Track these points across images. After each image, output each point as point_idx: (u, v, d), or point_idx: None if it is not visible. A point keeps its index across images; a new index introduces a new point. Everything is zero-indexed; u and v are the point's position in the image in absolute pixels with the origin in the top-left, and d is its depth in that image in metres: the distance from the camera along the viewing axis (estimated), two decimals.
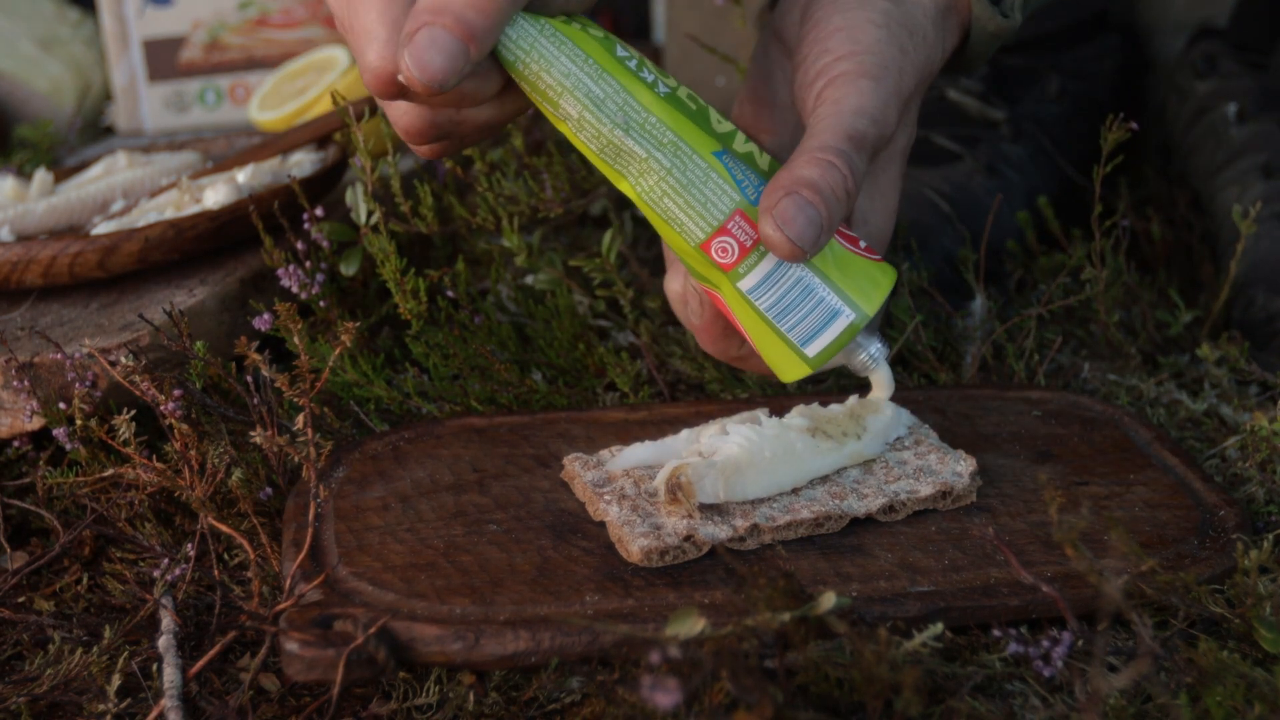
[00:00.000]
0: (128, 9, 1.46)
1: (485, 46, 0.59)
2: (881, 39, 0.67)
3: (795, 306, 0.64)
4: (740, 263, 0.64)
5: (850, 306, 0.64)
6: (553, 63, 0.62)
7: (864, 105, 0.65)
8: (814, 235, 0.62)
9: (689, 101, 0.65)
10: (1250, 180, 1.01)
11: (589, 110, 0.62)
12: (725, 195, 0.64)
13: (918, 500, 0.68)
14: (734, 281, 0.65)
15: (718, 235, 0.64)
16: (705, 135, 0.64)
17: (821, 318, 0.64)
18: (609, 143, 0.63)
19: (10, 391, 0.78)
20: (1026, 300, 1.00)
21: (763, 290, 0.64)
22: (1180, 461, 0.74)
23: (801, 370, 0.65)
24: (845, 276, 0.65)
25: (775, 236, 0.62)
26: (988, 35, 0.71)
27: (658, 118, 0.63)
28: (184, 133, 1.47)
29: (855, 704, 0.58)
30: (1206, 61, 1.15)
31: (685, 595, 0.62)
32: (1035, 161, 1.11)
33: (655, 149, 0.63)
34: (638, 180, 0.64)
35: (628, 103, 0.63)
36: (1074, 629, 0.60)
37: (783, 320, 0.65)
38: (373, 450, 0.75)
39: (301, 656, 0.57)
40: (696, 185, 0.64)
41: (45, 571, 0.74)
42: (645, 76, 0.64)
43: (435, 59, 0.58)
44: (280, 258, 0.86)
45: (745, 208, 0.64)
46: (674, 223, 0.64)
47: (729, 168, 0.64)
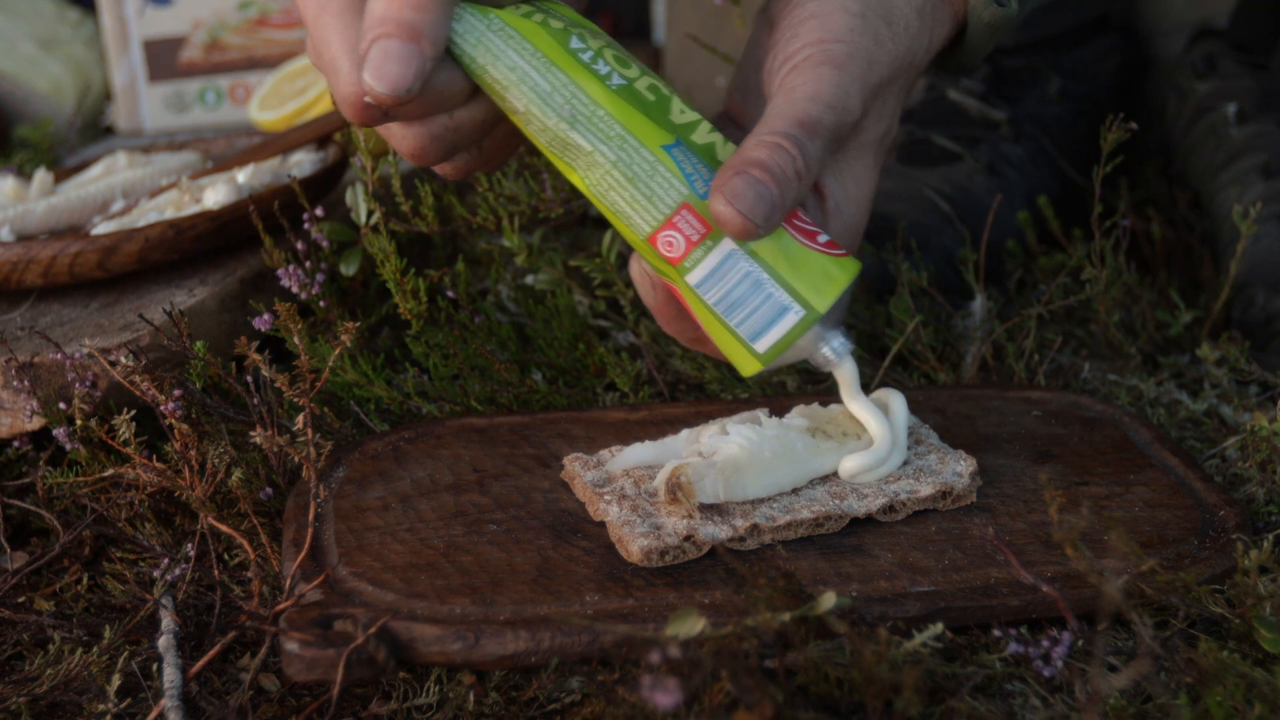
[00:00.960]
0: (128, 9, 1.46)
1: (436, 42, 0.60)
2: (854, 27, 0.67)
3: (743, 301, 0.64)
4: (686, 256, 0.64)
5: (800, 302, 0.64)
6: (499, 56, 0.62)
7: (820, 92, 0.65)
8: (765, 211, 0.62)
9: (647, 93, 0.64)
10: (1250, 180, 1.01)
11: (535, 103, 0.63)
12: (672, 189, 0.63)
13: (918, 500, 0.68)
14: (681, 275, 0.64)
15: (664, 229, 0.64)
16: (657, 128, 0.64)
17: (770, 313, 0.64)
18: (556, 136, 0.63)
19: (10, 391, 0.79)
20: (1026, 300, 1.00)
21: (710, 284, 0.64)
22: (1180, 461, 0.74)
23: (754, 366, 0.65)
24: (796, 271, 0.64)
25: (726, 212, 0.61)
26: (984, 26, 0.71)
27: (606, 110, 0.63)
28: (184, 133, 1.47)
29: (855, 704, 0.58)
30: (1206, 62, 1.15)
31: (685, 595, 0.62)
32: (1035, 162, 1.11)
33: (601, 142, 0.63)
34: (585, 173, 0.64)
35: (575, 96, 0.63)
36: (1074, 629, 0.60)
37: (731, 315, 0.64)
38: (373, 450, 0.75)
39: (301, 656, 0.57)
40: (643, 179, 0.63)
41: (45, 571, 0.74)
42: (599, 69, 0.63)
43: (391, 67, 0.59)
44: (280, 258, 0.86)
45: (693, 201, 0.63)
46: (621, 216, 0.64)
47: (678, 161, 0.64)
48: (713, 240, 0.63)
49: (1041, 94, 1.15)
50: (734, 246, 0.63)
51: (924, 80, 1.17)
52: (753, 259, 0.63)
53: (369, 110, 0.62)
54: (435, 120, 0.64)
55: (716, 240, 0.63)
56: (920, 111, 1.14)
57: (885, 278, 0.96)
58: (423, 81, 0.60)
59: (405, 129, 0.64)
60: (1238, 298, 0.92)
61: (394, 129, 0.65)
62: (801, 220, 0.65)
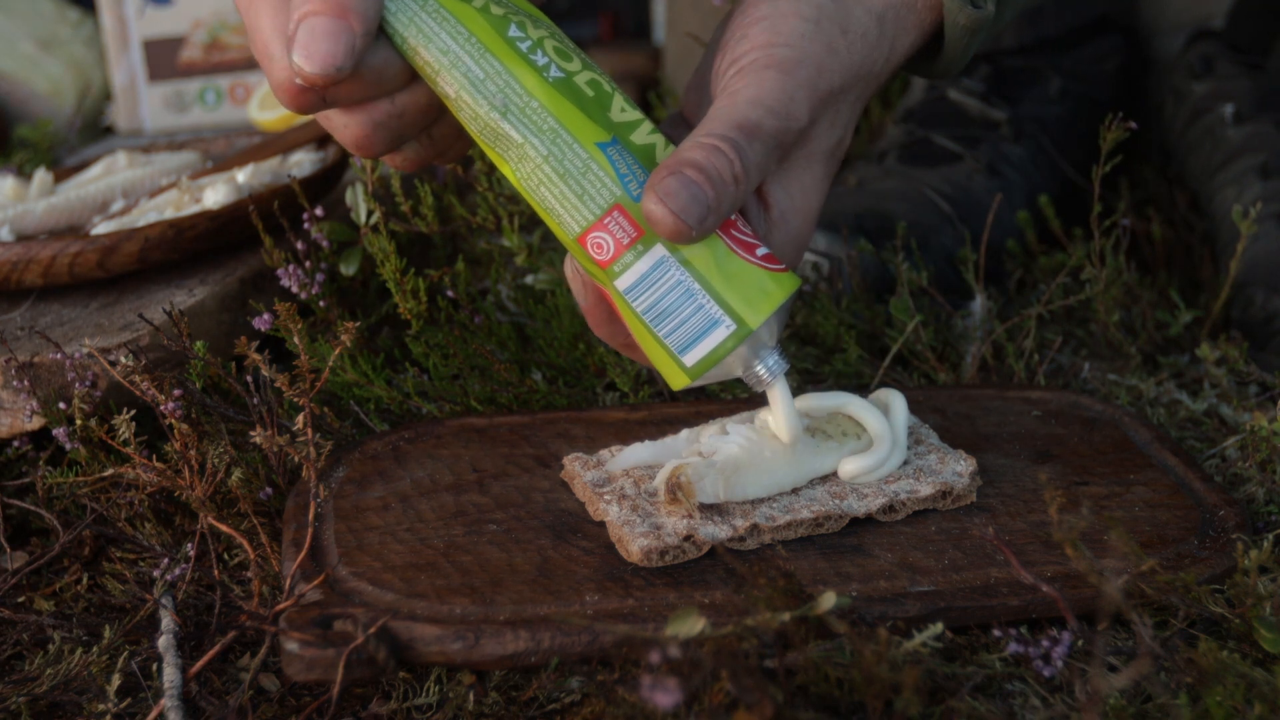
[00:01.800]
0: (128, 9, 1.46)
1: (366, 19, 0.59)
2: (805, 32, 0.65)
3: (673, 311, 0.62)
4: (616, 260, 0.62)
5: (731, 316, 0.61)
6: (432, 39, 0.61)
7: (761, 96, 0.63)
8: (699, 213, 0.60)
9: (586, 88, 0.62)
10: (1248, 181, 1.01)
11: (467, 90, 0.61)
12: (604, 188, 0.61)
13: (918, 500, 0.68)
14: (611, 279, 0.62)
15: (594, 230, 0.61)
16: (593, 125, 0.62)
17: (699, 326, 0.61)
18: (487, 125, 0.62)
19: (10, 391, 0.78)
20: (1026, 300, 1.00)
21: (639, 291, 0.62)
22: (1180, 461, 0.74)
23: (682, 379, 0.63)
24: (730, 284, 0.61)
25: (657, 211, 0.59)
26: (961, 29, 0.68)
27: (540, 103, 0.61)
28: (184, 133, 1.47)
29: (855, 704, 0.58)
30: (1203, 63, 1.15)
31: (685, 595, 0.62)
32: (1036, 162, 1.11)
33: (533, 135, 0.61)
34: (517, 166, 0.62)
35: (509, 85, 0.61)
36: (1074, 629, 0.60)
37: (659, 325, 0.62)
38: (373, 450, 0.75)
39: (301, 656, 0.57)
40: (574, 176, 0.61)
41: (45, 571, 0.74)
42: (536, 59, 0.62)
43: (319, 45, 0.58)
44: (280, 258, 0.86)
45: (626, 203, 0.61)
46: (552, 213, 0.62)
47: (613, 160, 0.61)
48: (644, 245, 0.61)
49: (1042, 94, 1.15)
50: (666, 253, 0.61)
51: (923, 80, 1.17)
52: (685, 268, 0.61)
53: (305, 95, 0.60)
54: (376, 106, 0.63)
55: (648, 245, 0.61)
56: (920, 111, 1.14)
57: (885, 278, 0.96)
58: (354, 60, 0.59)
59: (346, 117, 0.63)
60: (1237, 298, 0.92)
61: (335, 118, 0.63)
62: (740, 232, 0.63)
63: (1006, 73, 1.15)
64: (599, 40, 1.60)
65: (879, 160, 1.11)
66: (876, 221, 0.98)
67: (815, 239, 0.97)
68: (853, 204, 1.02)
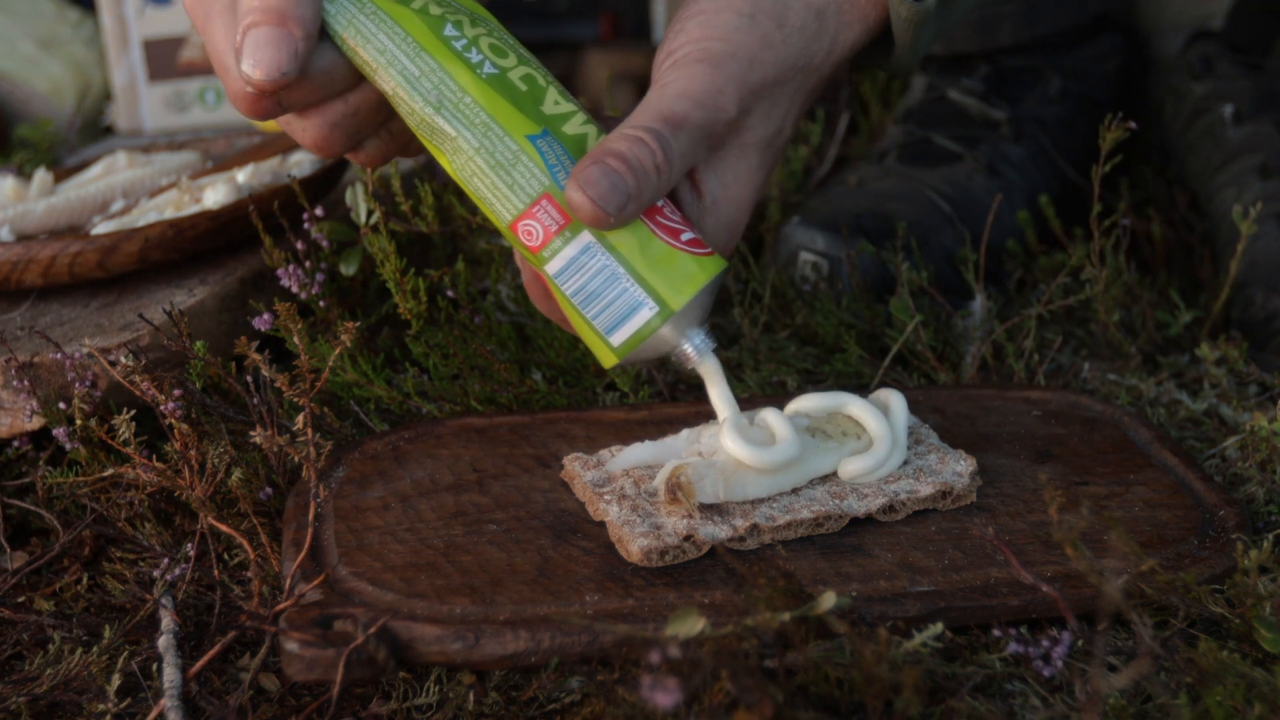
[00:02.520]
0: (128, 9, 1.46)
1: (305, 23, 0.62)
2: (739, 25, 0.67)
3: (598, 295, 0.64)
4: (545, 246, 0.64)
5: (654, 298, 0.64)
6: (369, 38, 0.64)
7: (689, 89, 0.65)
8: (619, 201, 0.62)
9: (519, 83, 0.65)
10: (1248, 181, 1.01)
11: (403, 86, 0.64)
12: (534, 178, 0.64)
13: (918, 500, 0.68)
14: (541, 265, 0.65)
15: (524, 218, 0.64)
16: (523, 117, 0.65)
17: (624, 308, 0.64)
18: (423, 120, 0.65)
19: (10, 391, 0.78)
20: (1026, 300, 1.00)
21: (567, 275, 0.64)
22: (1180, 461, 0.74)
23: (611, 359, 0.66)
24: (654, 268, 0.64)
25: (578, 198, 0.62)
26: (903, 22, 0.69)
27: (472, 98, 0.64)
28: (184, 133, 1.47)
29: (855, 704, 0.58)
30: (1203, 63, 1.15)
31: (685, 595, 0.62)
32: (1036, 162, 1.11)
33: (465, 128, 0.64)
34: (452, 158, 0.65)
35: (443, 81, 0.64)
36: (1074, 629, 0.60)
37: (587, 307, 0.65)
38: (373, 450, 0.75)
39: (301, 656, 0.57)
40: (505, 167, 0.64)
41: (45, 571, 0.74)
42: (470, 57, 0.65)
43: (265, 53, 0.61)
44: (280, 258, 0.86)
45: (554, 192, 0.64)
46: (485, 202, 0.65)
47: (542, 151, 0.64)
48: (571, 232, 0.64)
49: (1042, 94, 1.15)
50: (591, 239, 0.64)
51: (924, 80, 1.17)
52: (610, 253, 0.64)
53: (260, 102, 0.63)
54: (330, 108, 0.66)
55: (575, 232, 0.64)
56: (920, 111, 1.14)
57: (885, 278, 0.96)
58: (298, 64, 0.62)
59: (304, 121, 0.66)
60: (1237, 298, 0.92)
61: (294, 123, 0.66)
62: (666, 218, 0.65)
63: (1006, 73, 1.15)
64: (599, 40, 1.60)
65: (879, 160, 1.11)
66: (876, 221, 0.98)
67: (815, 239, 0.97)
68: (853, 204, 1.02)
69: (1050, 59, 1.17)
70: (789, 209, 1.12)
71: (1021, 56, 1.16)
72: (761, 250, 1.08)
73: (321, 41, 0.64)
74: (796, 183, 1.18)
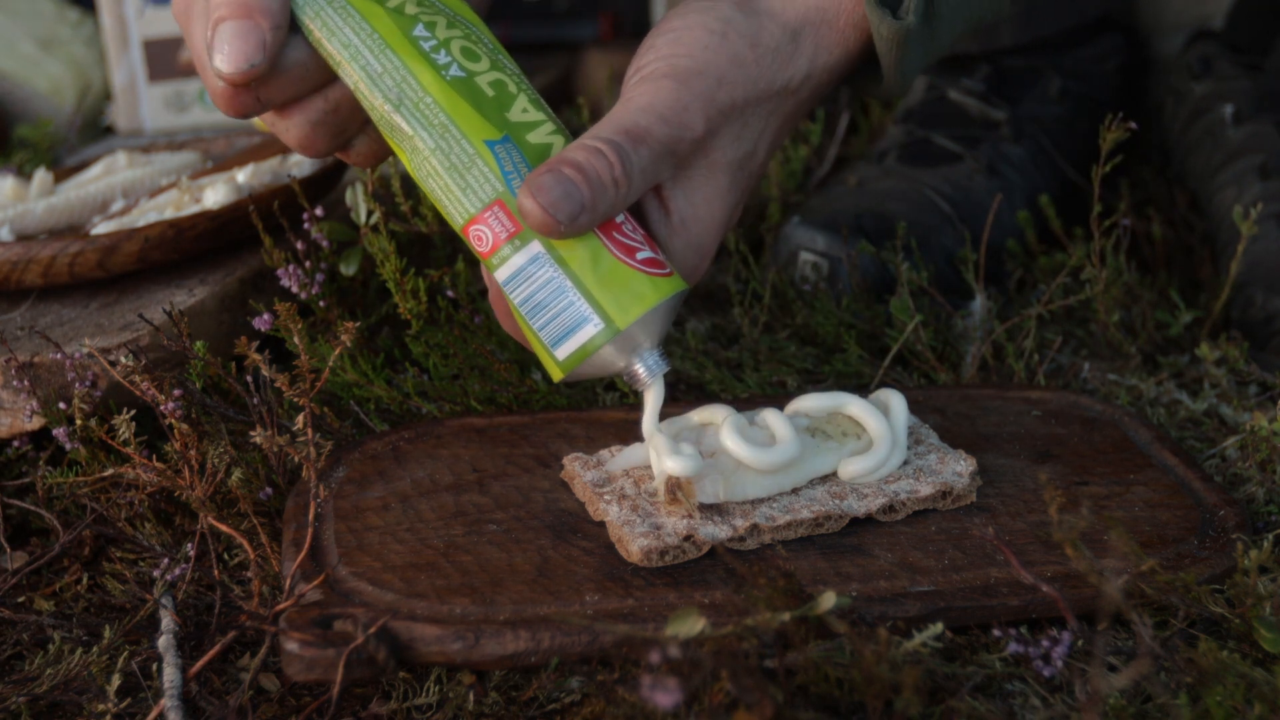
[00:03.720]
0: (128, 9, 1.46)
1: (272, 15, 0.63)
2: (709, 44, 0.66)
3: (545, 306, 0.64)
4: (494, 253, 0.64)
5: (600, 316, 0.63)
6: (335, 32, 0.65)
7: (654, 104, 0.65)
8: (570, 210, 0.61)
9: (487, 88, 0.65)
10: (1248, 181, 1.01)
11: (365, 81, 0.65)
12: (487, 184, 0.64)
13: (918, 500, 0.68)
14: (491, 271, 0.65)
15: (475, 222, 0.64)
16: (484, 122, 0.64)
17: (569, 322, 0.64)
18: (383, 116, 0.65)
19: (10, 391, 0.78)
20: (1026, 300, 1.00)
21: (515, 284, 0.64)
22: (1180, 461, 0.74)
23: (557, 372, 0.65)
24: (603, 285, 0.63)
25: (529, 204, 0.62)
26: (884, 41, 0.68)
27: (433, 98, 0.64)
28: (184, 133, 1.47)
29: (855, 704, 0.58)
30: (1203, 63, 1.15)
31: (685, 595, 0.62)
32: (1036, 162, 1.11)
33: (422, 128, 0.65)
34: (410, 156, 0.66)
35: (405, 80, 0.65)
36: (1074, 629, 0.60)
37: (533, 318, 0.64)
38: (373, 450, 0.75)
39: (301, 656, 0.57)
40: (459, 170, 0.64)
41: (45, 571, 0.74)
42: (438, 58, 0.65)
43: (235, 46, 0.62)
44: (280, 258, 0.86)
45: (507, 199, 0.64)
46: (440, 203, 0.66)
47: (499, 157, 0.64)
48: (521, 240, 0.64)
49: (1042, 94, 1.15)
50: (541, 249, 0.63)
51: (924, 80, 1.18)
52: (559, 266, 0.64)
53: (237, 98, 0.65)
54: (310, 104, 0.67)
55: (525, 241, 0.64)
56: (920, 111, 1.14)
57: (885, 278, 0.96)
58: (266, 55, 0.63)
59: (286, 120, 0.67)
60: (1237, 298, 0.92)
61: (278, 123, 0.67)
62: (623, 234, 0.65)
63: (1006, 73, 1.15)
64: (599, 40, 1.60)
65: (879, 160, 1.11)
66: (876, 221, 0.98)
67: (815, 239, 0.97)
68: (853, 204, 1.02)
69: (1050, 59, 1.17)
70: (789, 209, 1.12)
71: (1021, 56, 1.16)
72: (761, 250, 1.08)
73: (295, 35, 0.65)
74: (796, 183, 1.18)
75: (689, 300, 1.03)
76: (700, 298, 1.04)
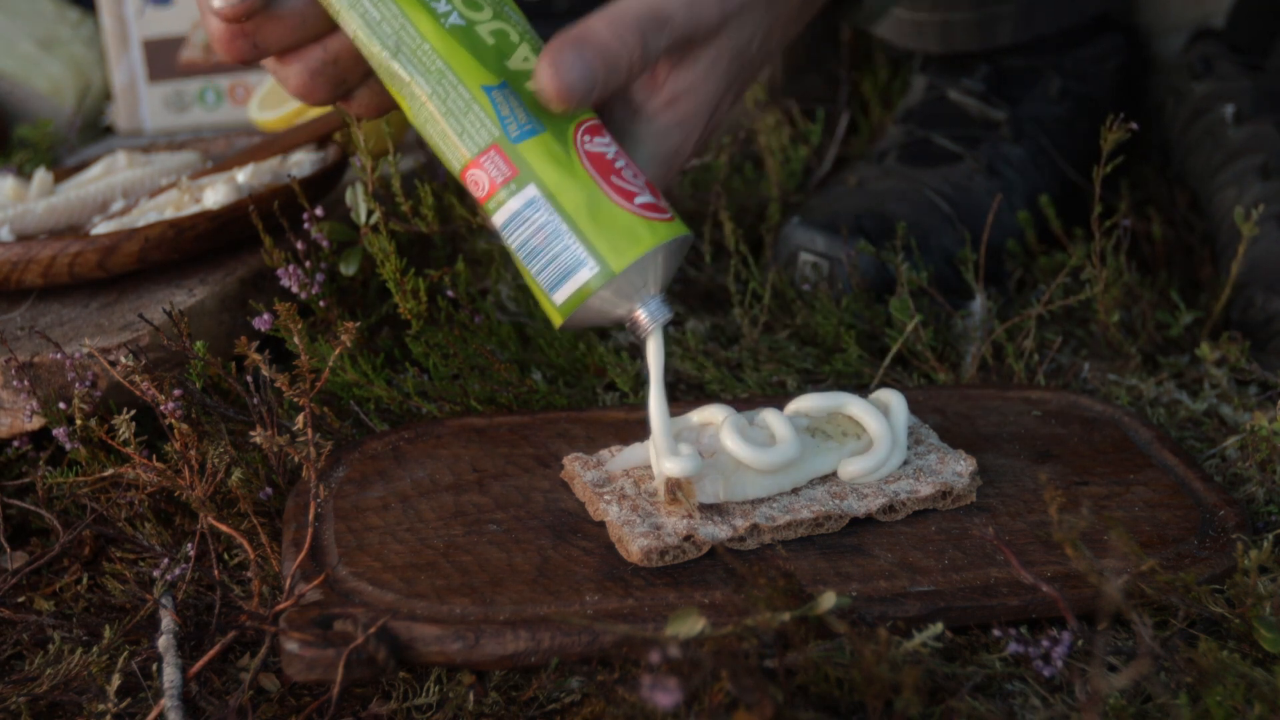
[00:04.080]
0: (128, 9, 1.46)
1: None
2: None
3: (541, 250, 0.64)
4: (491, 197, 0.65)
5: (596, 259, 0.63)
6: None
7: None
8: (584, 90, 0.63)
9: (487, 37, 0.66)
10: (1249, 181, 1.01)
11: (363, 30, 0.65)
12: (484, 129, 0.64)
13: (918, 500, 0.68)
14: (488, 216, 0.65)
15: (471, 166, 0.65)
16: (482, 69, 0.65)
17: (564, 266, 0.64)
18: (381, 64, 0.66)
19: (10, 391, 0.78)
20: (1026, 300, 1.00)
21: (512, 228, 0.64)
22: (1180, 461, 0.74)
23: (556, 318, 0.65)
24: (599, 227, 0.64)
25: (545, 75, 0.63)
26: None
27: (431, 46, 0.65)
28: (184, 133, 1.47)
29: (855, 704, 0.58)
30: (1203, 63, 1.15)
31: (685, 595, 0.62)
32: (1036, 162, 1.11)
33: (420, 74, 0.65)
34: (409, 103, 0.66)
35: (404, 28, 0.65)
36: (1074, 629, 0.60)
37: (531, 262, 0.65)
38: (373, 450, 0.75)
39: (301, 656, 0.57)
40: (456, 115, 0.65)
41: (45, 571, 0.74)
42: (437, 6, 0.65)
43: None
44: (280, 258, 0.86)
45: (504, 144, 0.64)
46: (438, 149, 0.66)
47: (495, 103, 0.64)
48: (517, 185, 0.64)
49: (1042, 94, 1.15)
50: (537, 193, 0.64)
51: (924, 80, 1.17)
52: (554, 210, 0.64)
53: (235, 42, 0.65)
54: (309, 53, 0.67)
55: (521, 185, 0.64)
56: (920, 111, 1.14)
57: (885, 278, 0.96)
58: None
59: (286, 67, 0.68)
60: (1237, 298, 0.92)
61: (278, 70, 0.68)
62: (621, 179, 0.65)
63: (1006, 73, 1.15)
64: None
65: (879, 160, 1.11)
66: (876, 221, 0.98)
67: (815, 239, 0.97)
68: (853, 204, 1.02)
69: (1050, 59, 1.17)
70: (789, 209, 1.12)
71: (1021, 56, 1.16)
72: (761, 250, 1.08)
73: None
74: (796, 183, 1.18)
75: (689, 300, 1.03)
76: (700, 298, 1.04)
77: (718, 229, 1.06)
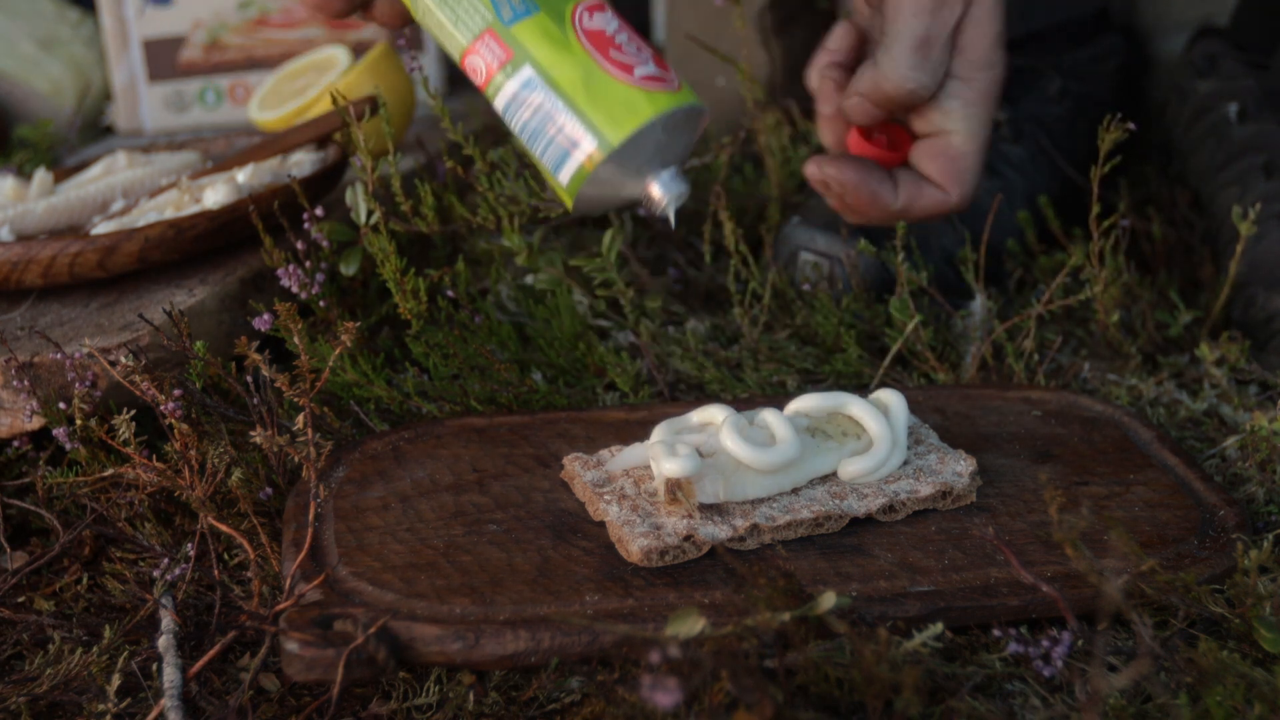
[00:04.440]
0: (128, 9, 1.46)
1: None
2: None
3: (541, 131, 0.64)
4: (489, 83, 0.64)
5: (593, 134, 0.63)
6: None
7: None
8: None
9: None
10: (1251, 180, 1.01)
11: None
12: (477, 14, 0.64)
13: (917, 500, 0.68)
14: (491, 100, 0.65)
15: (469, 53, 0.65)
16: None
17: (565, 144, 0.63)
18: None
19: (10, 391, 0.78)
20: (1026, 300, 1.00)
21: (512, 111, 0.64)
22: (1180, 461, 0.74)
23: (567, 199, 0.65)
24: (595, 103, 0.63)
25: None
26: None
27: None
28: (184, 133, 1.47)
29: (855, 704, 0.58)
30: (1207, 61, 1.15)
31: (685, 595, 0.62)
32: (1035, 162, 1.11)
33: None
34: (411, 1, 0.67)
35: None
36: (1074, 629, 0.60)
37: (533, 145, 0.64)
38: (373, 450, 0.75)
39: (301, 656, 0.57)
40: (451, 4, 0.65)
41: (45, 571, 0.74)
42: None
43: None
44: (280, 258, 0.86)
45: (497, 28, 0.64)
46: (439, 40, 0.66)
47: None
48: (513, 67, 0.64)
49: (1042, 94, 1.15)
50: (532, 73, 0.63)
51: None
52: (550, 88, 0.63)
53: None
54: None
55: (517, 68, 0.63)
56: None
57: (885, 278, 0.96)
58: None
59: None
60: (1237, 298, 0.92)
61: None
62: (620, 52, 0.64)
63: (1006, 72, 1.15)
64: None
65: None
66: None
67: (815, 239, 0.97)
68: None
69: (1050, 59, 1.17)
70: (789, 209, 1.12)
71: (1021, 56, 1.16)
72: (761, 250, 1.08)
73: None
74: (797, 183, 1.18)
75: (689, 300, 1.03)
76: (700, 298, 1.04)
77: (718, 229, 1.06)
